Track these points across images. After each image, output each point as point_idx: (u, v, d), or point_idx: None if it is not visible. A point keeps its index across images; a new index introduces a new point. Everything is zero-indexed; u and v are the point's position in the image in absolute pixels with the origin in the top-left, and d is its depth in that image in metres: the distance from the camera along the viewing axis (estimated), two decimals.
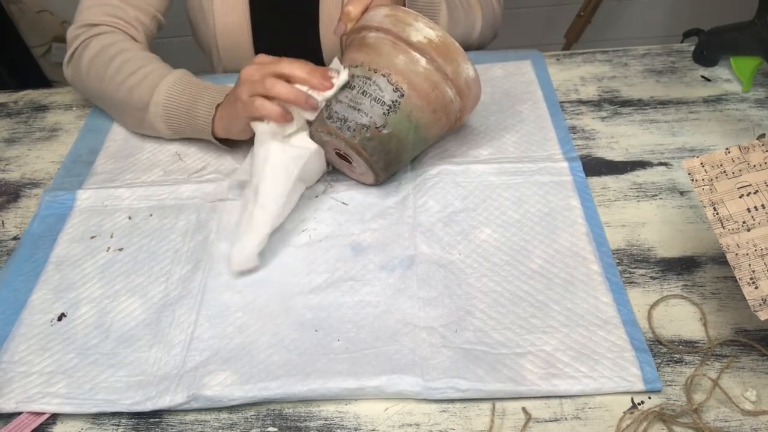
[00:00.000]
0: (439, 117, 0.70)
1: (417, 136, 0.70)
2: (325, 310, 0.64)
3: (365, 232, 0.71)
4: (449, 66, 0.68)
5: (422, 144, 0.73)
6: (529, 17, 1.83)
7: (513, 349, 0.59)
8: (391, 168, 0.72)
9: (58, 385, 0.60)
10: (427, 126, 0.70)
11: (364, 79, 0.68)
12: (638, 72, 0.89)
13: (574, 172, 0.74)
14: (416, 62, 0.67)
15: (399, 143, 0.69)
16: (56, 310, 0.66)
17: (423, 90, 0.68)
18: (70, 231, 0.74)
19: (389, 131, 0.68)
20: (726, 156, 0.58)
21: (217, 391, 0.57)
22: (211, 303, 0.65)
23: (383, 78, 0.67)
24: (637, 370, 0.56)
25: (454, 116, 0.72)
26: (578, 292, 0.63)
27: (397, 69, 0.67)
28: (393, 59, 0.67)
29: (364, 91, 0.67)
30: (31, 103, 0.96)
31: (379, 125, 0.67)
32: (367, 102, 0.67)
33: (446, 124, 0.73)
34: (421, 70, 0.67)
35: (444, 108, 0.70)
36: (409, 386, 0.56)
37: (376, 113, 0.67)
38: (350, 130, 0.67)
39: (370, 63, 0.68)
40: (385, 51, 0.68)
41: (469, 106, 0.73)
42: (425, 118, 0.69)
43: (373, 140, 0.68)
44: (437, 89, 0.68)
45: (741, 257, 0.54)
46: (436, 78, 0.68)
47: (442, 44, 0.67)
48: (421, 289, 0.64)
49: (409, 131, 0.69)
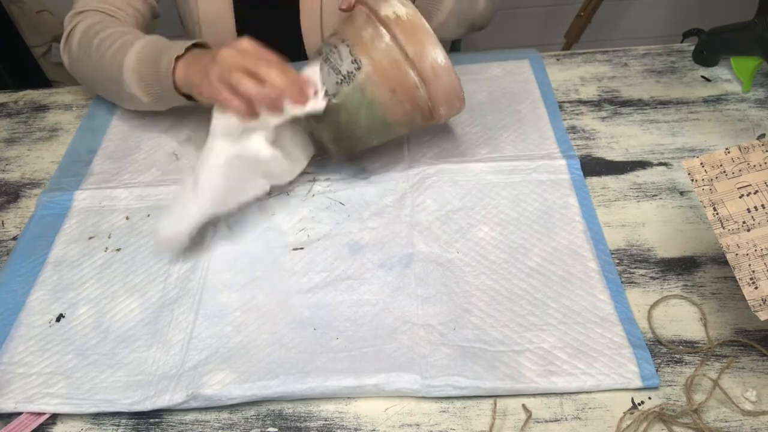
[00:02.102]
0: (401, 100, 0.67)
1: (372, 114, 0.68)
2: (324, 308, 0.64)
3: (363, 231, 0.71)
4: (412, 46, 0.64)
5: (382, 127, 0.70)
6: (529, 17, 1.83)
7: (511, 347, 0.59)
8: (342, 143, 0.70)
9: (57, 386, 0.60)
10: (383, 105, 0.67)
11: (331, 47, 0.67)
12: (638, 72, 0.89)
13: (571, 171, 0.74)
14: (380, 37, 0.65)
15: (349, 116, 0.68)
16: (54, 311, 0.66)
17: (381, 66, 0.65)
18: (67, 231, 0.74)
19: (339, 101, 0.66)
20: (726, 156, 0.58)
21: (216, 390, 0.57)
22: (210, 302, 0.65)
23: (346, 48, 0.66)
24: (635, 366, 0.56)
25: (424, 105, 0.68)
26: (576, 290, 0.63)
27: (361, 41, 0.66)
28: (361, 32, 0.66)
29: (327, 58, 0.67)
30: (31, 103, 0.96)
31: (330, 93, 0.66)
32: (326, 69, 0.67)
33: (413, 111, 0.69)
34: (383, 46, 0.65)
35: (406, 91, 0.66)
36: (408, 384, 0.56)
37: (331, 81, 0.66)
38: None
39: (343, 33, 0.67)
40: (357, 23, 0.67)
41: (441, 96, 0.68)
42: (381, 96, 0.67)
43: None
44: (397, 68, 0.65)
45: (741, 257, 0.54)
46: (397, 56, 0.65)
47: (409, 23, 0.64)
48: (420, 288, 0.64)
49: (361, 106, 0.67)
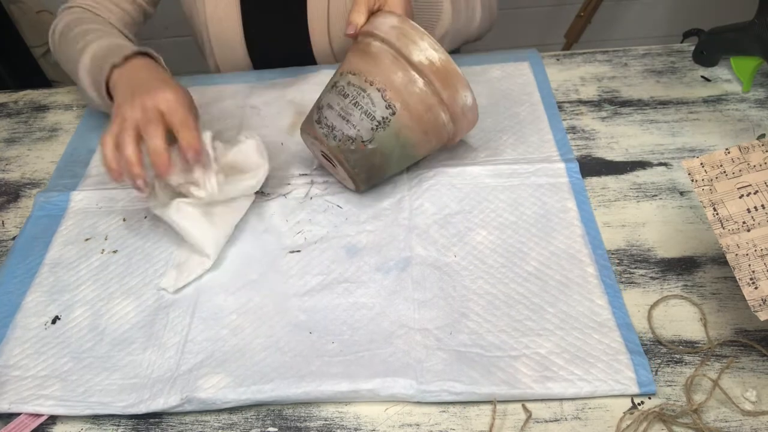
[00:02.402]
0: (430, 139, 0.70)
1: (403, 153, 0.69)
2: (320, 312, 0.63)
3: (360, 234, 0.70)
4: (446, 91, 0.66)
5: (408, 160, 0.72)
6: (529, 17, 1.83)
7: (508, 352, 0.58)
8: (372, 180, 0.71)
9: (51, 388, 0.60)
10: (414, 145, 0.69)
11: (359, 89, 0.66)
12: (638, 72, 0.89)
13: (570, 174, 0.74)
14: (414, 82, 0.66)
15: (383, 158, 0.68)
16: (50, 313, 0.66)
17: (416, 111, 0.66)
18: (64, 233, 0.74)
19: (374, 147, 0.67)
20: (726, 156, 0.57)
21: (210, 394, 0.57)
22: (206, 305, 0.65)
23: (378, 92, 0.66)
24: (632, 373, 0.56)
25: (446, 137, 0.71)
26: (573, 295, 0.62)
27: (393, 86, 0.66)
28: (391, 75, 0.66)
29: (356, 102, 0.66)
30: (31, 103, 0.96)
31: (365, 139, 0.66)
32: (357, 114, 0.66)
33: (437, 144, 0.72)
34: (417, 91, 0.66)
35: (436, 130, 0.69)
36: (403, 389, 0.56)
37: (365, 127, 0.66)
38: (336, 139, 0.67)
39: (367, 74, 0.66)
40: (384, 65, 0.66)
41: (463, 129, 0.72)
42: (414, 138, 0.68)
43: (357, 153, 0.67)
44: (431, 112, 0.67)
45: (741, 257, 0.54)
46: (432, 101, 0.66)
47: (443, 68, 0.65)
48: (416, 291, 0.64)
49: (395, 148, 0.68)
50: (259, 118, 0.86)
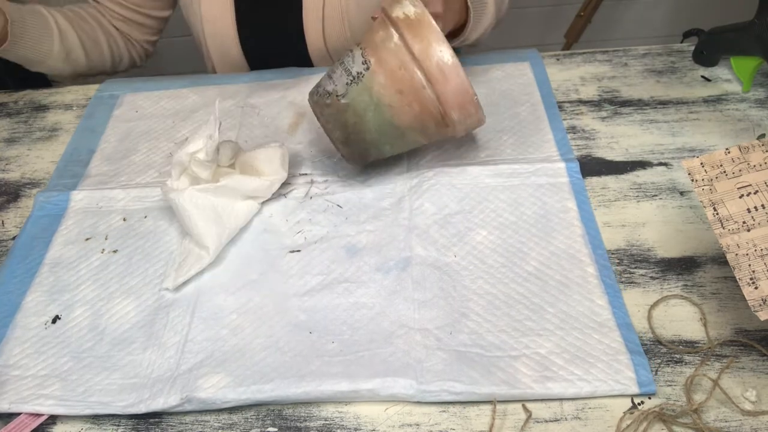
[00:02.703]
0: (409, 102, 0.66)
1: (380, 117, 0.67)
2: (320, 312, 0.63)
3: (360, 234, 0.70)
4: (418, 44, 0.63)
5: (392, 131, 0.68)
6: (529, 17, 1.83)
7: (508, 352, 0.58)
8: (352, 145, 0.70)
9: (51, 388, 0.60)
10: (391, 107, 0.66)
11: (348, 51, 0.68)
12: (638, 72, 0.89)
13: (570, 174, 0.74)
14: (390, 38, 0.65)
15: (357, 117, 0.67)
16: (50, 313, 0.66)
17: (389, 66, 0.65)
18: (64, 233, 0.74)
19: (347, 101, 0.67)
20: (726, 156, 0.57)
21: (210, 394, 0.57)
22: (206, 305, 0.65)
23: (359, 50, 0.67)
24: (632, 373, 0.56)
25: (433, 108, 0.66)
26: (573, 295, 0.62)
27: (373, 43, 0.66)
28: (374, 34, 0.67)
29: (342, 61, 0.68)
30: (31, 103, 0.96)
31: (339, 93, 0.67)
32: (339, 71, 0.68)
33: (424, 115, 0.67)
34: (392, 46, 0.65)
35: (413, 92, 0.65)
36: (403, 389, 0.56)
37: (342, 82, 0.67)
38: (316, 95, 0.69)
39: (360, 39, 0.68)
40: (374, 27, 0.67)
41: (451, 99, 0.66)
42: (389, 97, 0.66)
43: (331, 107, 0.67)
44: (404, 68, 0.65)
45: (741, 257, 0.54)
46: (404, 57, 0.64)
47: (416, 20, 0.64)
48: (416, 291, 0.64)
49: (368, 107, 0.67)
50: (259, 119, 0.86)
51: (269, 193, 0.74)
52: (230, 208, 0.70)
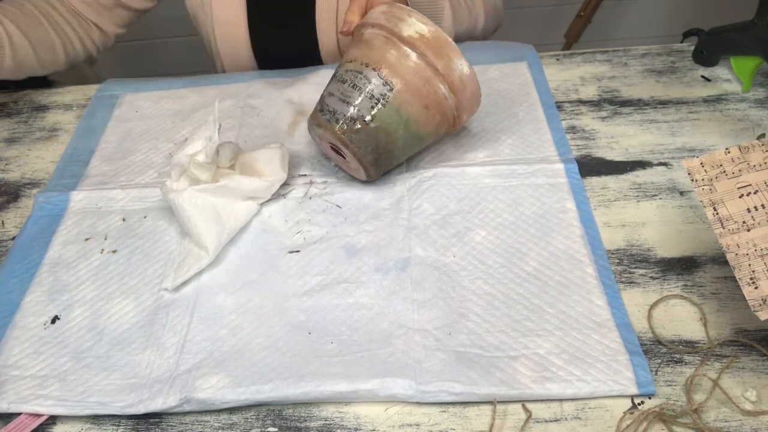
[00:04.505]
0: (433, 114, 0.70)
1: (408, 132, 0.69)
2: (319, 312, 0.63)
3: (360, 234, 0.70)
4: (440, 61, 0.67)
5: (416, 141, 0.72)
6: (529, 17, 1.83)
7: (507, 353, 0.58)
8: (381, 163, 0.71)
9: (51, 388, 0.59)
10: (418, 121, 0.69)
11: (356, 73, 0.68)
12: (638, 72, 0.89)
13: (569, 174, 0.74)
14: (407, 57, 0.67)
15: (388, 137, 0.69)
16: (49, 313, 0.66)
17: (413, 85, 0.67)
18: (63, 233, 0.74)
19: (377, 125, 0.67)
20: (726, 156, 0.57)
21: (209, 394, 0.57)
22: (205, 305, 0.65)
23: (374, 72, 0.67)
24: (631, 373, 0.56)
25: (450, 114, 0.71)
26: (572, 295, 0.62)
27: (388, 63, 0.67)
28: (384, 54, 0.67)
29: (354, 84, 0.68)
30: (31, 103, 0.96)
31: (367, 118, 0.67)
32: (356, 95, 0.67)
33: (442, 122, 0.72)
34: (411, 65, 0.67)
35: (437, 105, 0.69)
36: (402, 389, 0.56)
37: (365, 106, 0.67)
38: (338, 122, 0.68)
39: (362, 58, 0.68)
40: (377, 46, 0.68)
41: (467, 104, 0.72)
42: (416, 113, 0.68)
43: (361, 133, 0.67)
44: (428, 84, 0.67)
45: (741, 257, 0.54)
46: (427, 73, 0.67)
47: (433, 39, 0.67)
48: (416, 292, 0.64)
49: (398, 126, 0.68)
50: (259, 118, 0.86)
51: (269, 194, 0.74)
52: (230, 208, 0.70)
